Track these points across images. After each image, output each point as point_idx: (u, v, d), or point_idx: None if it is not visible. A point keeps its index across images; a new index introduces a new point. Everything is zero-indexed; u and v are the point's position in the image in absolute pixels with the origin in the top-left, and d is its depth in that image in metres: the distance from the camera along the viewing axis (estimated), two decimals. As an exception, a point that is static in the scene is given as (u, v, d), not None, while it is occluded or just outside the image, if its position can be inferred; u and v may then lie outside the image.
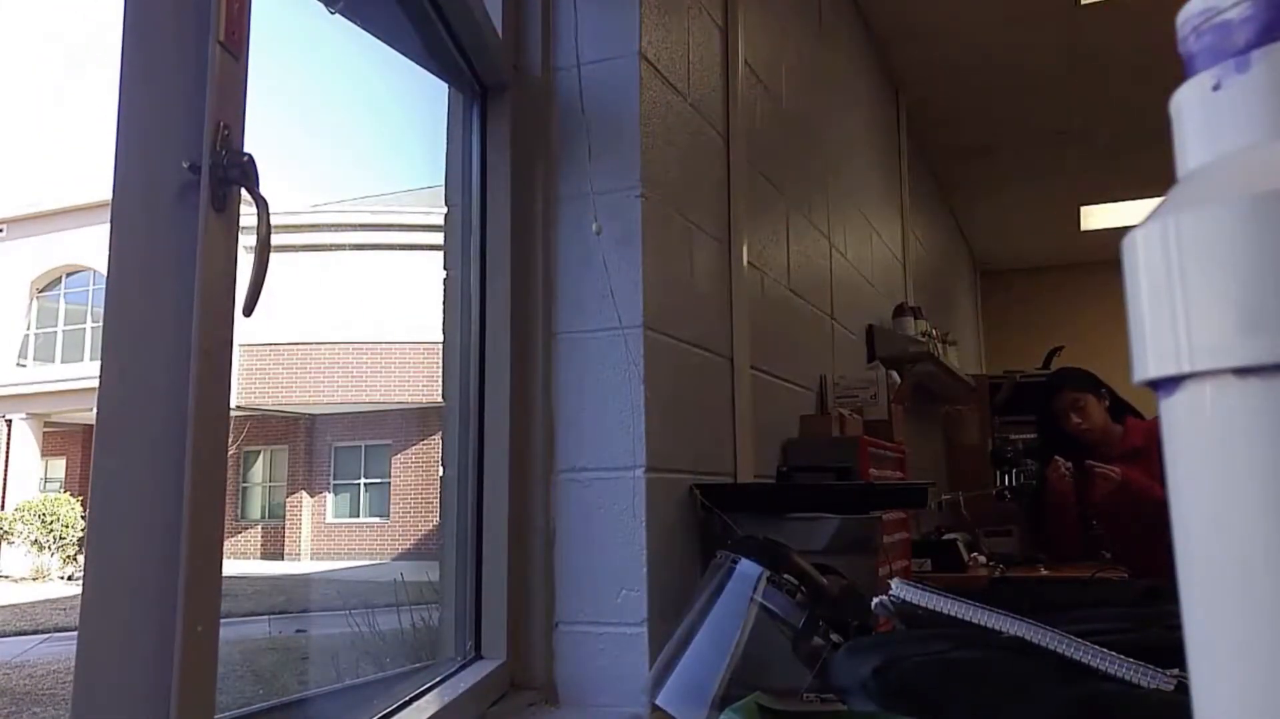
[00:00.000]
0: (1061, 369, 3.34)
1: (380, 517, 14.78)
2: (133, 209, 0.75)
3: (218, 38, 0.79)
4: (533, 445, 1.42)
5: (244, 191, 0.82)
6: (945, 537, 2.77)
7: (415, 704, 1.17)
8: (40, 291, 15.38)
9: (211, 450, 0.77)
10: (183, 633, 0.72)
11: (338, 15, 1.21)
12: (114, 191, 0.74)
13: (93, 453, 0.72)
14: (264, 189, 0.81)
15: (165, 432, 0.75)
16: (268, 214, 0.81)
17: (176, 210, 0.77)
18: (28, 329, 15.25)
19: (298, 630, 7.84)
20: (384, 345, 13.55)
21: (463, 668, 1.32)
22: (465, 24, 1.36)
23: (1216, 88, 0.24)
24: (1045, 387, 3.08)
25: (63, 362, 14.87)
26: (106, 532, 0.71)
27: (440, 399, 1.47)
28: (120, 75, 0.75)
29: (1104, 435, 2.85)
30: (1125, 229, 0.25)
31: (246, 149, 0.82)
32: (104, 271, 0.76)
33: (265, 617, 8.19)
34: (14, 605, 9.33)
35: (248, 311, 0.80)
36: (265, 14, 0.88)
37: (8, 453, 14.18)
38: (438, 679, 1.26)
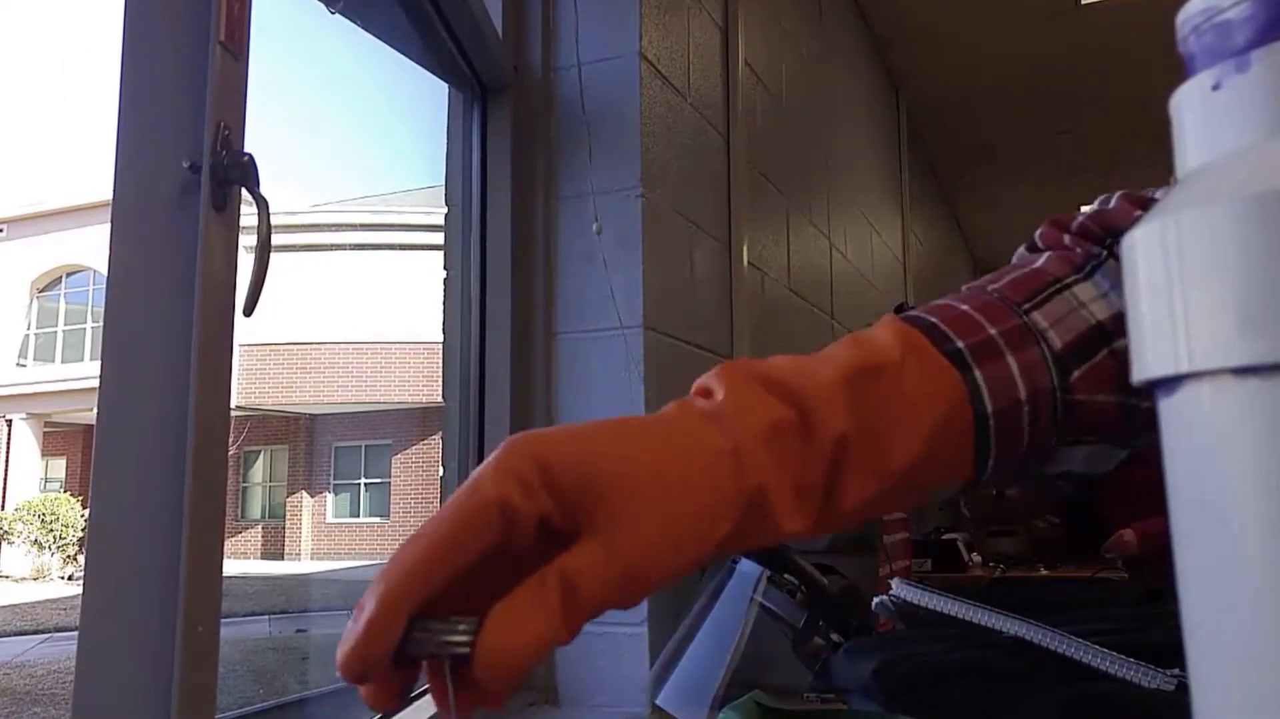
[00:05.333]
0: None
1: (380, 517, 14.78)
2: (133, 209, 0.75)
3: (218, 38, 0.79)
4: (533, 445, 1.42)
5: (245, 191, 0.82)
6: (945, 536, 2.77)
7: (415, 705, 1.16)
8: (40, 291, 15.38)
9: (212, 450, 0.77)
10: (183, 633, 0.72)
11: (338, 15, 1.21)
12: (114, 191, 0.74)
13: (93, 453, 0.72)
14: (264, 189, 0.81)
15: (166, 432, 0.75)
16: (268, 214, 0.81)
17: (177, 210, 0.77)
18: (28, 329, 15.25)
19: (298, 630, 7.84)
20: (384, 345, 13.55)
21: (463, 668, 1.32)
22: (465, 24, 1.36)
23: (1216, 87, 0.24)
24: None
25: (63, 362, 14.87)
26: (107, 532, 0.71)
27: (440, 399, 1.47)
28: (121, 75, 0.75)
29: None
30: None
31: (246, 149, 0.82)
32: (104, 271, 0.76)
33: (265, 617, 8.19)
34: (14, 605, 9.34)
35: (248, 312, 0.80)
36: (265, 14, 0.88)
37: (8, 453, 14.17)
38: (438, 679, 1.26)
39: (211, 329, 0.77)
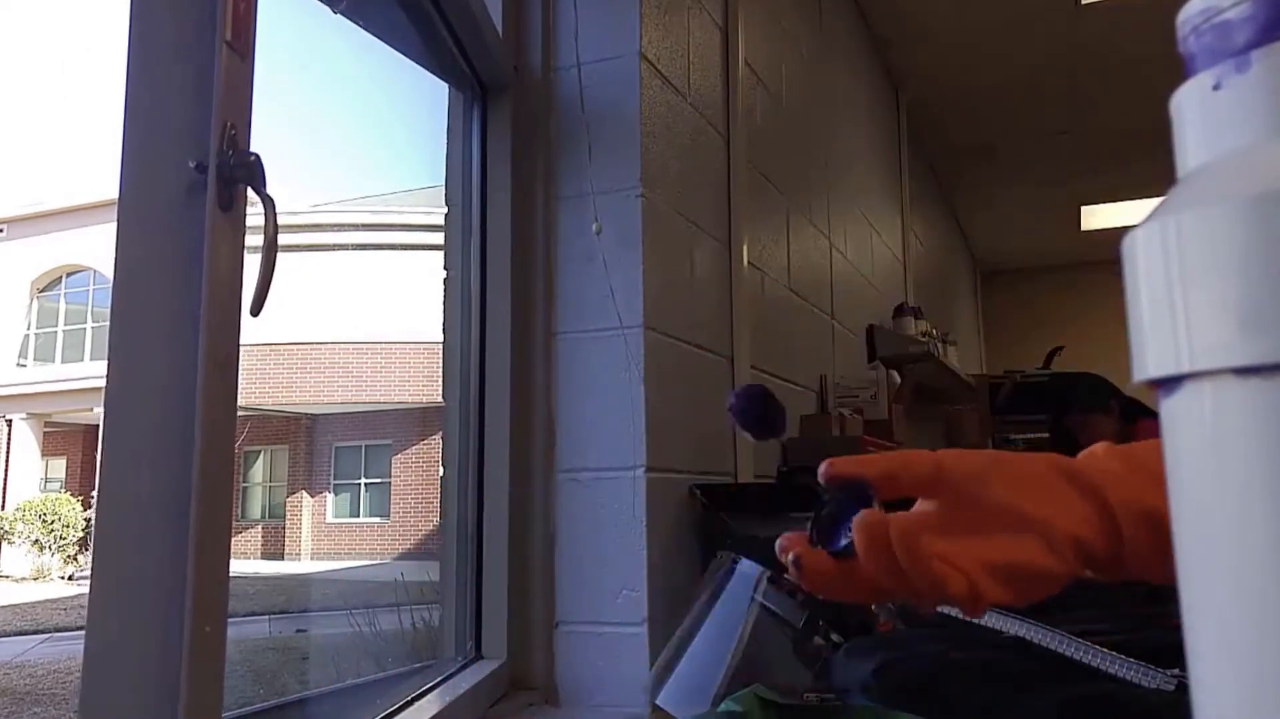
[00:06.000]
0: (1072, 383, 3.29)
1: (380, 517, 14.77)
2: (139, 208, 0.75)
3: (224, 37, 0.79)
4: (533, 445, 1.42)
5: (253, 191, 0.82)
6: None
7: (416, 705, 1.16)
8: (40, 292, 15.37)
9: (218, 450, 0.77)
10: (190, 634, 0.72)
11: (339, 15, 1.21)
12: (120, 191, 0.74)
13: (99, 453, 0.72)
14: (266, 188, 0.81)
15: (172, 431, 0.75)
16: (275, 213, 0.81)
17: (183, 210, 0.77)
18: (28, 329, 15.24)
19: (298, 630, 7.84)
20: (384, 345, 13.55)
21: (463, 668, 1.32)
22: (465, 25, 1.36)
23: (1216, 87, 0.24)
24: (1055, 397, 3.09)
25: (63, 362, 14.86)
26: (113, 532, 0.71)
27: (440, 399, 1.47)
28: (126, 75, 0.74)
29: None
30: (1125, 229, 0.25)
31: (252, 149, 0.82)
32: (104, 271, 0.76)
33: (265, 617, 8.19)
34: (14, 605, 9.34)
35: (255, 311, 0.80)
36: (268, 14, 0.88)
37: (8, 453, 14.17)
38: (438, 680, 1.26)
39: (218, 329, 0.77)
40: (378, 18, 1.36)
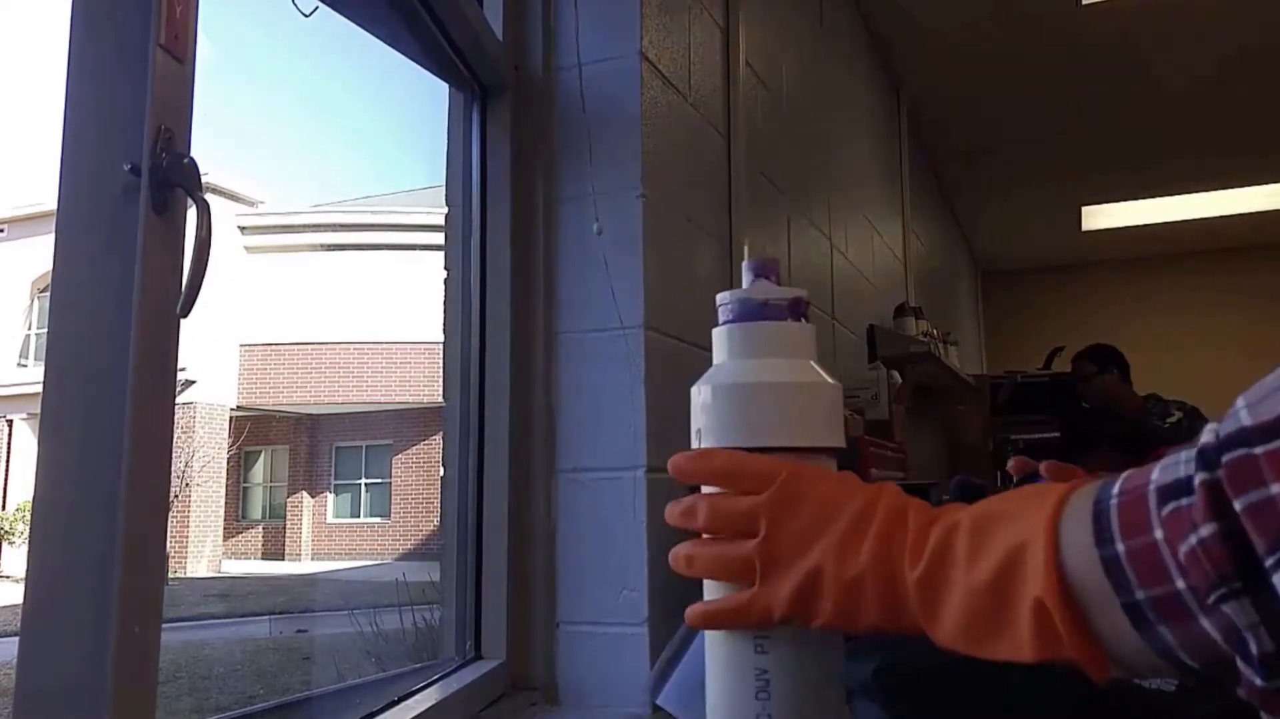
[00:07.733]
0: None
1: (381, 517, 14.78)
2: (76, 210, 0.75)
3: (159, 41, 0.79)
4: (533, 445, 1.42)
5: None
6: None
7: (405, 703, 1.16)
8: (41, 291, 15.36)
9: (150, 454, 0.76)
10: (117, 634, 0.71)
11: (342, 17, 1.21)
12: (59, 192, 0.74)
13: (36, 453, 0.72)
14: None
15: (105, 434, 0.74)
16: (209, 217, 0.81)
17: (118, 213, 0.77)
18: (28, 329, 15.24)
19: (299, 630, 7.84)
20: (384, 345, 13.55)
21: (460, 667, 1.32)
22: (462, 31, 1.36)
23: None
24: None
25: (63, 362, 14.82)
26: (47, 533, 0.71)
27: (440, 399, 1.47)
28: (66, 74, 0.75)
29: None
30: (1125, 229, 0.25)
31: (193, 153, 0.81)
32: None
33: (266, 617, 8.19)
34: (14, 606, 9.33)
35: (183, 313, 0.80)
36: (270, 14, 0.88)
37: (8, 453, 14.17)
38: (433, 678, 1.26)
39: (150, 331, 0.76)
40: (376, 19, 1.36)
